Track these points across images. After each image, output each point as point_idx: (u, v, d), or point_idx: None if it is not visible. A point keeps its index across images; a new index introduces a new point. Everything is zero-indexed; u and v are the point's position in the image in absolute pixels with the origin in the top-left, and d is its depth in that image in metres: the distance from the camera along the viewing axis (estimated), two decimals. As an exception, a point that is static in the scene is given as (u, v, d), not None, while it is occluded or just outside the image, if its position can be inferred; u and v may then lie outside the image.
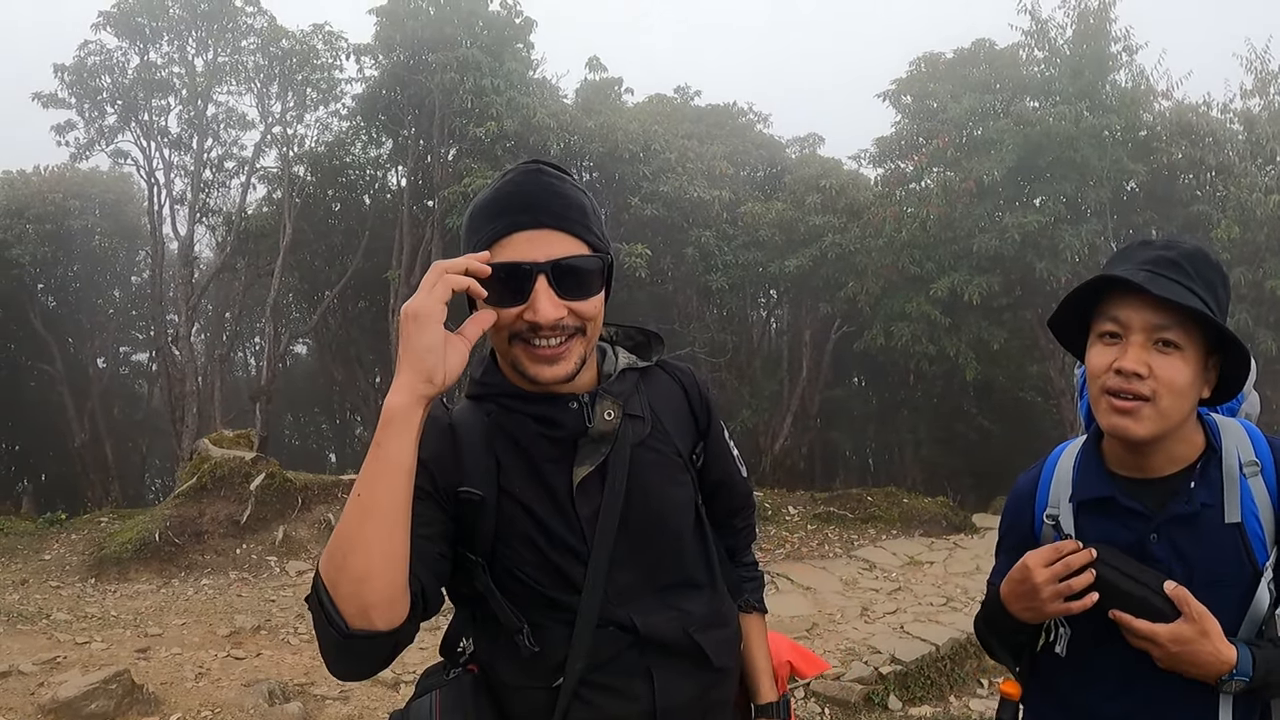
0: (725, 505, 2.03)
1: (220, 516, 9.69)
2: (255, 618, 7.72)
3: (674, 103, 22.02)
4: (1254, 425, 1.96)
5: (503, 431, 1.71)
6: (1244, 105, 15.52)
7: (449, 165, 18.66)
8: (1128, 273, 1.78)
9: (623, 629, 1.70)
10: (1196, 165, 14.72)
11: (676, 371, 1.95)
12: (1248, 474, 1.84)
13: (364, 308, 23.67)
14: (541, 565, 1.68)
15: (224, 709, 5.74)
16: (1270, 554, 1.82)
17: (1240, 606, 1.82)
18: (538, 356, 1.62)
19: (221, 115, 22.37)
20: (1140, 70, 15.03)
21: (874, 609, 8.46)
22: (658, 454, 1.81)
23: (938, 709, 6.49)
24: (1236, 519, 1.82)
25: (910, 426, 21.55)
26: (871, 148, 17.97)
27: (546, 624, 1.69)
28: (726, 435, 2.02)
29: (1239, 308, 12.96)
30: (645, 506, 1.75)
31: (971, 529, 12.17)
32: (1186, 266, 1.78)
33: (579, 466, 1.71)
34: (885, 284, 16.46)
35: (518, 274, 1.58)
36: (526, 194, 1.64)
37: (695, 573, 1.83)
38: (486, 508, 1.67)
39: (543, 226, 1.62)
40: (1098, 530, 1.92)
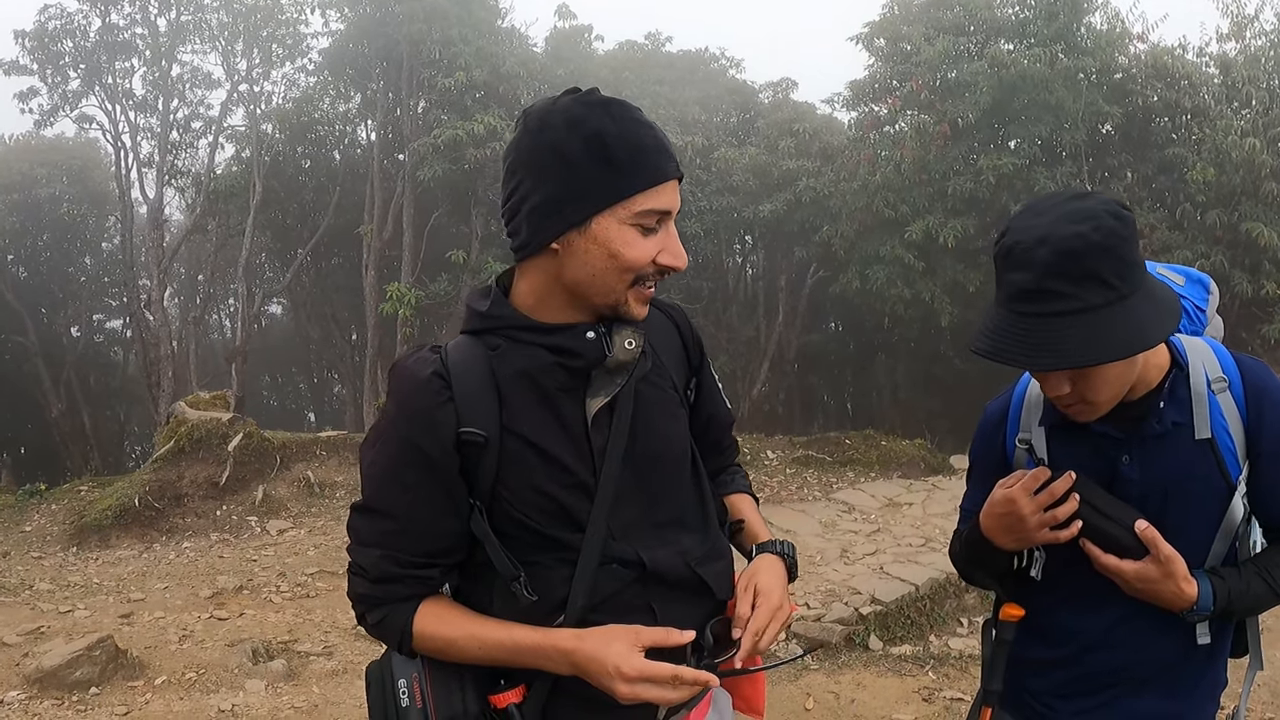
0: (715, 438, 2.07)
1: (199, 479, 9.68)
2: (237, 578, 7.74)
3: (645, 49, 21.84)
4: (1219, 343, 1.97)
5: (510, 366, 1.69)
6: (1220, 49, 15.47)
7: (419, 117, 18.49)
8: (1001, 328, 1.75)
9: (625, 565, 1.71)
10: (1172, 108, 14.69)
11: (668, 308, 1.97)
12: (1216, 390, 1.86)
13: (337, 264, 23.54)
14: (545, 504, 1.68)
15: (208, 669, 5.77)
16: (1243, 467, 1.86)
17: (1214, 521, 1.87)
18: (644, 298, 1.70)
19: (186, 75, 22.09)
20: (1115, 13, 14.97)
21: (853, 550, 8.54)
22: (659, 389, 1.83)
23: (918, 647, 6.58)
24: (1207, 435, 1.85)
25: (887, 370, 21.60)
26: (845, 91, 17.80)
27: (544, 566, 1.69)
28: (712, 369, 2.06)
29: (1214, 249, 13.02)
30: (648, 441, 1.77)
31: (949, 470, 12.26)
32: (1053, 286, 1.66)
33: (592, 399, 1.71)
34: (860, 228, 16.41)
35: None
36: (663, 141, 1.69)
37: (691, 508, 1.85)
38: (489, 448, 1.66)
39: (678, 177, 1.69)
40: (1069, 454, 1.94)
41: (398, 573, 1.69)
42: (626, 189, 1.61)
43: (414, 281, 17.96)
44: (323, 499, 10.06)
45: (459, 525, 1.69)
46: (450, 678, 1.69)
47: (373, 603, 1.72)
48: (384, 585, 1.70)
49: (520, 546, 1.68)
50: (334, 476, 10.46)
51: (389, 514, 1.69)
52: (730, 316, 21.35)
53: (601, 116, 1.64)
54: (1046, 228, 1.67)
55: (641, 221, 1.62)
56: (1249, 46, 14.99)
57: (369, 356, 19.66)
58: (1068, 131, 14.18)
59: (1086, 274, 1.65)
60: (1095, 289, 1.65)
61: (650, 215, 1.62)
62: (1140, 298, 1.68)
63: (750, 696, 2.08)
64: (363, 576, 1.72)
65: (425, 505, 1.67)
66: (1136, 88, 14.44)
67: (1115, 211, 1.68)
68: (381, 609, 1.71)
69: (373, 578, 1.70)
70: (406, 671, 1.70)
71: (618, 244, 1.62)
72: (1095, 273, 1.65)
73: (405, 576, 1.69)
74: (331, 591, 7.61)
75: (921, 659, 6.30)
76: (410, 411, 1.67)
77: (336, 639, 6.53)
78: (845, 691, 5.67)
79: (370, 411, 19.06)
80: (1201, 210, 13.48)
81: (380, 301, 17.81)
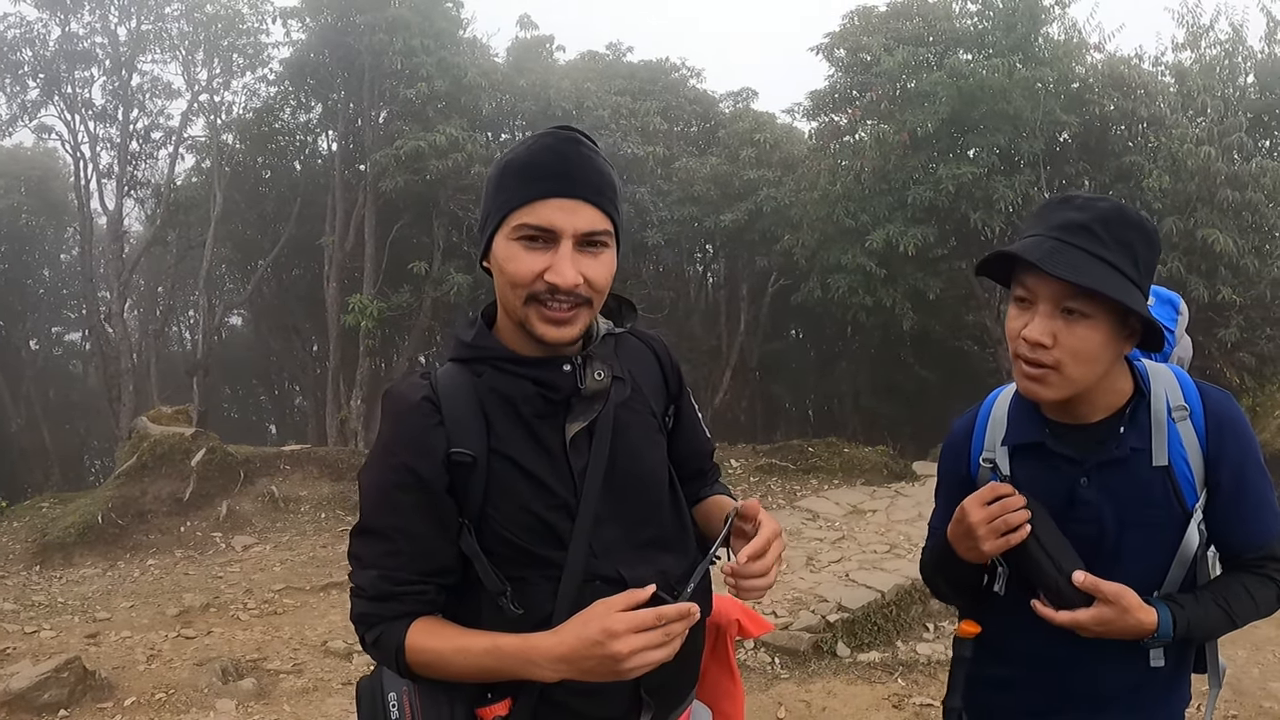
0: (697, 466, 2.13)
1: (163, 495, 9.59)
2: (204, 595, 7.68)
3: (606, 60, 21.83)
4: (1184, 371, 2.02)
5: (495, 392, 1.77)
6: (1175, 58, 15.70)
7: (380, 128, 18.38)
8: (1035, 242, 1.82)
9: (608, 582, 1.75)
10: (1128, 117, 14.88)
11: (648, 339, 2.04)
12: (1176, 418, 1.90)
13: (299, 275, 23.30)
14: (529, 522, 1.74)
15: (178, 689, 5.73)
16: (1200, 496, 1.89)
17: (1170, 547, 1.90)
18: (549, 318, 1.70)
19: (147, 85, 21.84)
20: (1073, 23, 15.08)
21: (819, 558, 8.59)
22: (637, 415, 1.89)
23: (886, 654, 6.64)
24: (1164, 462, 1.89)
25: (849, 377, 21.73)
26: (805, 101, 17.91)
27: (530, 583, 1.74)
28: (692, 399, 2.12)
29: (1171, 256, 13.20)
30: (628, 464, 1.83)
31: (912, 476, 12.36)
32: (1099, 231, 1.79)
33: (571, 423, 1.78)
34: (821, 236, 16.50)
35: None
36: (566, 162, 1.72)
37: (671, 530, 1.90)
38: (477, 468, 1.72)
39: (576, 197, 1.70)
40: (1031, 474, 1.99)
41: (395, 590, 1.74)
42: (506, 205, 1.72)
43: (376, 293, 17.85)
44: (288, 514, 10.00)
45: (450, 544, 1.75)
46: (439, 691, 1.72)
47: (371, 621, 1.77)
48: (382, 603, 1.75)
49: (507, 563, 1.74)
50: (298, 491, 10.40)
51: (385, 535, 1.75)
52: (692, 325, 21.41)
53: (523, 145, 1.76)
54: (1109, 199, 1.85)
55: (521, 235, 1.69)
56: (1204, 56, 15.22)
57: (331, 368, 19.52)
58: (1026, 141, 14.32)
59: (1126, 242, 1.80)
60: (1125, 258, 1.79)
61: (526, 229, 1.68)
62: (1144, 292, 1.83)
63: (730, 713, 2.13)
64: (362, 597, 1.77)
65: (420, 525, 1.73)
66: (1093, 97, 14.62)
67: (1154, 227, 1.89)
68: (378, 627, 1.76)
69: (370, 596, 1.75)
70: (397, 685, 1.73)
71: (502, 259, 1.72)
72: (1132, 246, 1.80)
73: (401, 594, 1.74)
74: (299, 608, 7.57)
75: (890, 665, 6.36)
76: (403, 434, 1.75)
77: (306, 656, 6.50)
78: (816, 700, 5.72)
79: (332, 424, 18.93)
80: (1158, 217, 13.66)
81: (342, 313, 17.71)
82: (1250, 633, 6.57)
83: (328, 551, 9.04)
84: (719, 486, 2.20)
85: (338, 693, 5.83)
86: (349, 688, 5.75)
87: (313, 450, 11.61)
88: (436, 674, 1.72)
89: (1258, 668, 6.36)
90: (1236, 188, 13.17)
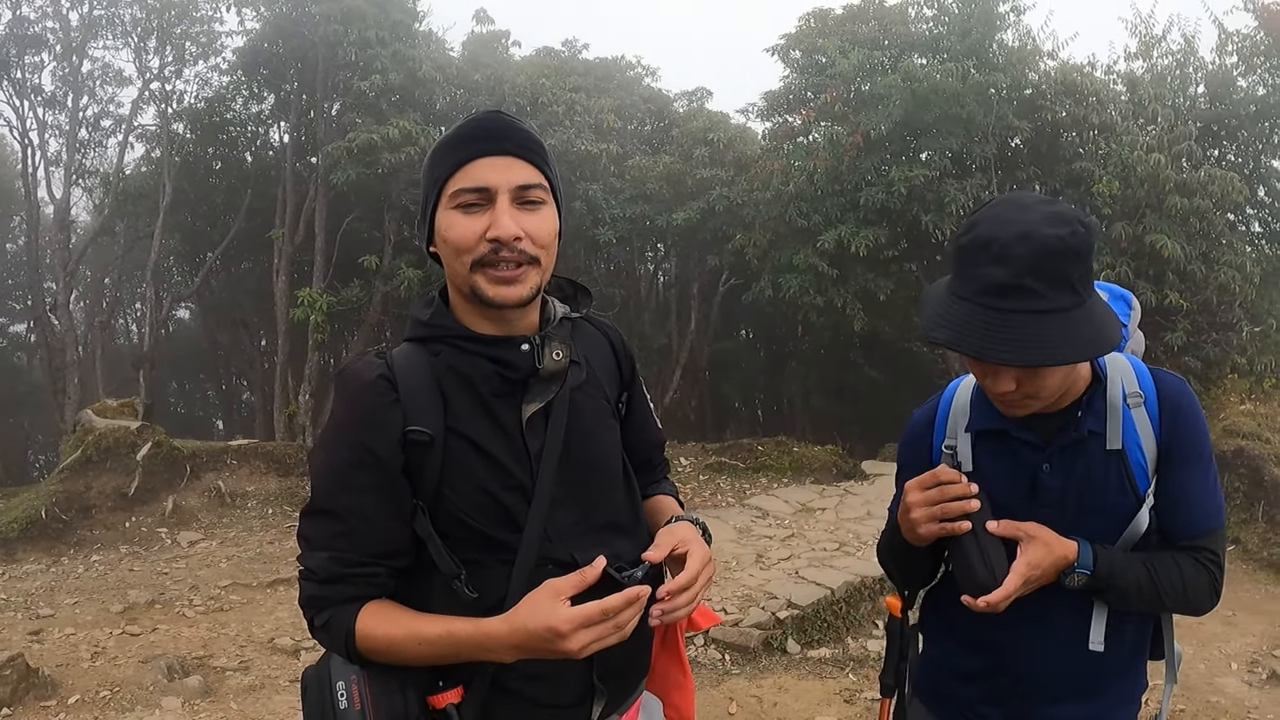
0: (646, 456, 2.14)
1: (108, 489, 9.44)
2: (149, 592, 7.57)
3: (562, 56, 21.76)
4: (1139, 359, 2.07)
5: (452, 371, 1.76)
6: (1128, 67, 15.92)
7: (333, 120, 18.20)
8: (965, 317, 1.77)
9: (561, 566, 1.73)
10: (1080, 123, 15.07)
11: (603, 325, 2.06)
12: (1131, 404, 1.95)
13: (248, 269, 22.98)
14: (485, 504, 1.73)
15: (123, 687, 5.65)
16: (1152, 481, 1.94)
17: (1122, 530, 1.95)
18: (496, 278, 1.70)
19: (97, 72, 21.42)
20: (1027, 30, 15.25)
21: (769, 556, 8.64)
22: (592, 399, 1.90)
23: (836, 650, 6.70)
24: (1118, 446, 1.94)
25: (799, 377, 21.82)
26: (760, 102, 18.00)
27: (483, 566, 1.73)
28: (644, 388, 2.15)
29: (1120, 260, 13.41)
30: (583, 447, 1.84)
31: (861, 476, 12.46)
32: (1030, 284, 1.70)
33: (528, 404, 1.78)
34: (773, 236, 16.60)
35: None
36: (489, 126, 1.75)
37: (624, 515, 1.91)
38: (434, 448, 1.71)
39: (506, 154, 1.73)
40: (994, 460, 2.04)
41: (345, 573, 1.72)
42: (440, 177, 1.74)
43: (326, 287, 17.68)
44: (234, 509, 9.89)
45: (404, 525, 1.73)
46: (390, 679, 1.70)
47: (321, 605, 1.74)
48: (331, 586, 1.73)
49: (461, 546, 1.73)
50: (245, 486, 10.29)
51: (338, 515, 1.73)
52: (643, 324, 21.41)
53: (459, 122, 1.79)
54: (1027, 226, 1.70)
55: (458, 202, 1.71)
56: (1156, 65, 15.44)
57: (279, 363, 19.30)
58: (978, 145, 14.49)
59: (1060, 277, 1.70)
60: (1065, 292, 1.71)
61: (462, 194, 1.71)
62: (1094, 303, 1.76)
63: (680, 704, 2.14)
64: (311, 579, 1.75)
65: (373, 506, 1.71)
66: (1046, 103, 14.80)
67: (1086, 221, 1.76)
68: (328, 611, 1.74)
69: (320, 579, 1.73)
70: (345, 674, 1.71)
71: (444, 229, 1.74)
72: (1067, 277, 1.71)
73: (352, 576, 1.72)
74: (245, 604, 7.50)
75: (841, 661, 6.43)
76: (358, 413, 1.73)
77: (252, 653, 6.44)
78: (767, 695, 5.77)
79: (280, 419, 18.74)
80: (1107, 223, 13.89)
81: (291, 307, 17.50)
82: (1196, 629, 6.73)
83: (275, 548, 8.95)
84: (666, 485, 2.21)
85: (285, 690, 5.79)
86: (297, 685, 5.69)
87: (260, 445, 11.47)
88: (388, 659, 1.70)
89: (1204, 664, 6.53)
90: (1185, 195, 13.39)
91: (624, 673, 1.89)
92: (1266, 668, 6.54)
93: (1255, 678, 6.42)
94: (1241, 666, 6.62)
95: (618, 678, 1.87)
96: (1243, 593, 8.32)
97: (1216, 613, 7.37)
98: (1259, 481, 9.76)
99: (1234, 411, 11.60)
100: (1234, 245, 14.28)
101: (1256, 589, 8.48)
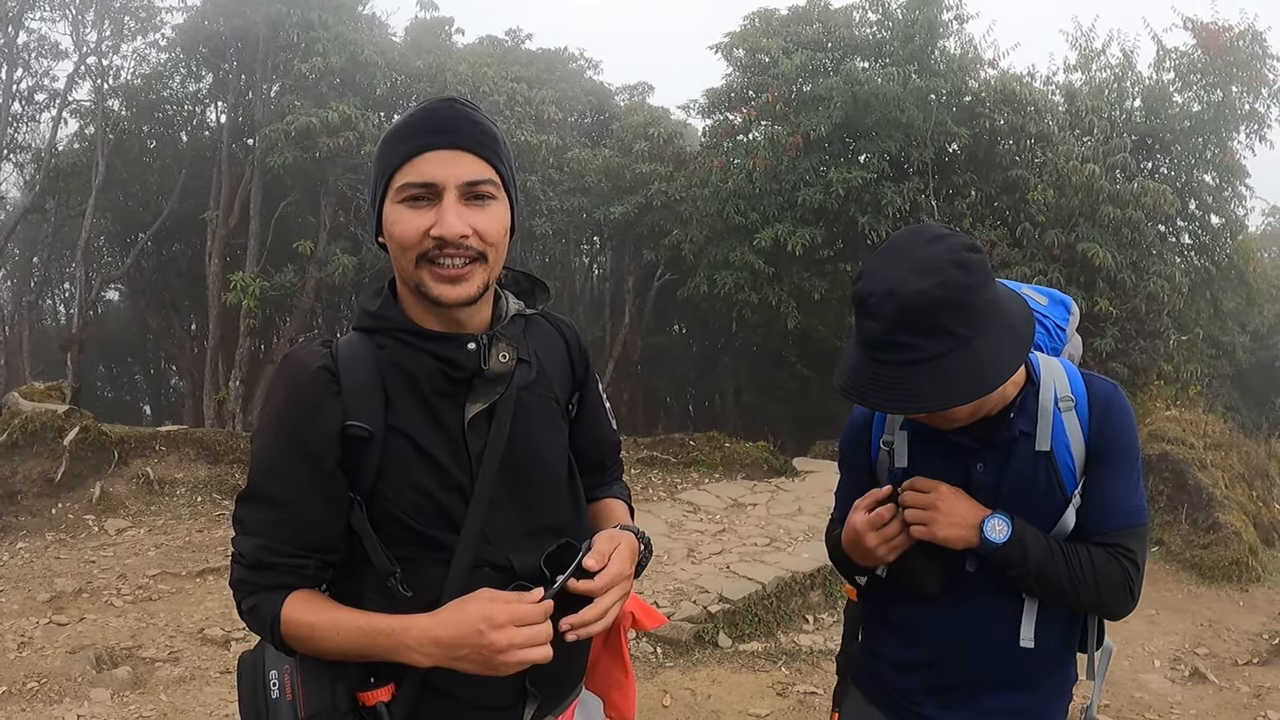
0: (599, 458, 2.12)
1: (33, 475, 9.21)
2: (76, 580, 7.42)
3: (505, 45, 21.71)
4: (1073, 364, 2.13)
5: (396, 366, 1.74)
6: (1067, 79, 16.27)
7: (271, 102, 17.99)
8: (858, 366, 1.86)
9: (497, 569, 1.74)
10: (1017, 132, 15.38)
11: (559, 323, 2.04)
12: (1062, 408, 2.00)
13: (180, 251, 22.58)
14: (422, 503, 1.71)
15: (50, 679, 5.54)
16: (1079, 483, 2.00)
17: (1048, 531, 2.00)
18: (442, 276, 1.67)
19: (33, 44, 20.71)
20: (969, 39, 15.57)
21: (700, 550, 8.67)
22: (541, 399, 1.88)
23: (767, 644, 6.77)
24: (1046, 448, 1.99)
25: (731, 373, 21.95)
26: (701, 99, 18.11)
27: (419, 564, 1.72)
28: (601, 389, 2.12)
29: (1052, 267, 13.73)
30: (527, 449, 1.82)
31: (792, 472, 12.54)
32: (903, 339, 1.77)
33: (471, 404, 1.76)
34: (709, 233, 16.73)
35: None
36: (440, 118, 1.70)
37: (564, 518, 1.88)
38: (373, 444, 1.69)
39: (455, 148, 1.68)
40: (928, 459, 2.09)
41: (274, 561, 1.71)
42: (387, 169, 1.71)
43: (259, 271, 17.47)
44: (163, 497, 9.70)
45: (338, 519, 1.72)
46: (322, 672, 1.70)
47: (248, 589, 1.74)
48: (259, 572, 1.72)
49: (397, 544, 1.72)
50: (174, 473, 10.09)
51: (271, 503, 1.72)
52: (577, 316, 21.43)
53: (410, 109, 1.76)
54: (895, 281, 1.76)
55: (404, 196, 1.68)
56: (1094, 78, 15.79)
57: (210, 348, 19.00)
58: (916, 149, 14.71)
59: (931, 327, 1.75)
60: (940, 339, 1.76)
61: (409, 188, 1.67)
62: (988, 338, 1.79)
63: (621, 704, 2.15)
64: (240, 563, 1.75)
65: (307, 498, 1.70)
66: (985, 111, 15.07)
67: (961, 260, 1.77)
68: (254, 596, 1.74)
69: (249, 564, 1.73)
70: (279, 663, 1.72)
71: (390, 223, 1.70)
72: (940, 326, 1.75)
73: (281, 565, 1.71)
74: (175, 594, 7.38)
75: (773, 655, 6.50)
76: (298, 403, 1.71)
77: (182, 644, 6.35)
78: (701, 688, 5.83)
79: (210, 405, 18.47)
80: (1041, 230, 14.19)
81: (223, 291, 17.28)
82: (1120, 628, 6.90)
83: (204, 536, 8.81)
84: (618, 488, 2.19)
85: (216, 681, 5.72)
86: (227, 676, 5.65)
87: (190, 432, 11.27)
88: (309, 649, 1.70)
89: (1128, 660, 6.74)
90: (1118, 205, 13.71)
91: (558, 677, 1.88)
92: (1188, 665, 6.76)
93: (1178, 675, 6.64)
94: (1164, 664, 6.85)
95: (552, 682, 1.86)
96: (1165, 592, 8.56)
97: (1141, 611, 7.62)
98: (1182, 485, 10.04)
99: (1159, 417, 11.91)
100: (1164, 256, 14.69)
101: (1179, 589, 8.74)
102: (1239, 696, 6.28)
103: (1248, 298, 16.93)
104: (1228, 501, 9.97)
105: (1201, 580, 8.95)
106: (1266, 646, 7.27)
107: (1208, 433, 11.67)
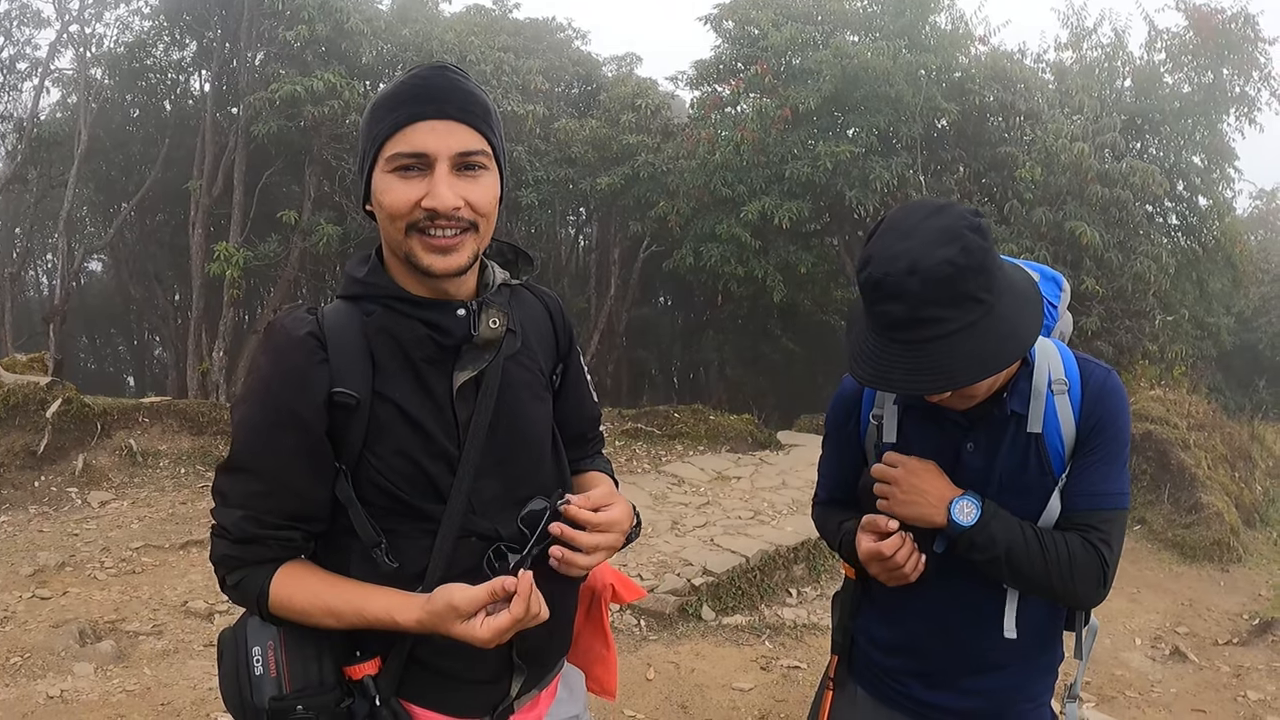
0: (581, 430, 2.11)
1: (15, 448, 9.16)
2: (59, 554, 7.39)
3: (492, 14, 21.49)
4: (1065, 346, 2.12)
5: (384, 333, 1.72)
6: (1057, 57, 16.32)
7: (256, 70, 17.72)
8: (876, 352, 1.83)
9: (484, 539, 1.74)
10: (1007, 109, 15.38)
11: (543, 295, 2.02)
12: (1055, 391, 2.00)
13: (163, 221, 22.34)
14: (409, 472, 1.70)
15: (33, 653, 5.53)
16: (1067, 466, 2.00)
17: (1036, 514, 2.00)
18: (432, 246, 1.66)
19: (15, 12, 20.41)
20: (960, 15, 15.51)
21: (684, 523, 8.69)
22: (525, 370, 1.87)
23: (750, 618, 6.79)
24: (1038, 430, 1.99)
25: (716, 346, 21.97)
26: (690, 70, 18.04)
27: (404, 535, 1.71)
28: (582, 361, 2.11)
29: (1039, 245, 13.75)
30: (513, 418, 1.81)
31: (776, 445, 12.56)
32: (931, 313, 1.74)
33: (460, 371, 1.74)
34: (696, 205, 16.68)
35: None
36: (431, 87, 1.68)
37: (551, 490, 1.86)
38: (360, 411, 1.68)
39: (447, 118, 1.66)
40: (920, 433, 2.09)
41: (260, 534, 1.69)
42: (377, 138, 1.68)
43: (243, 241, 17.31)
44: (146, 469, 9.67)
45: (324, 489, 1.70)
46: (307, 647, 1.69)
47: (233, 564, 1.72)
48: (245, 546, 1.70)
49: (383, 514, 1.71)
50: (157, 445, 10.05)
51: (256, 473, 1.69)
52: (562, 287, 21.35)
53: (392, 81, 1.73)
54: (914, 255, 1.72)
55: (395, 165, 1.65)
56: (1085, 57, 15.80)
57: (193, 319, 18.84)
58: (905, 124, 14.68)
59: (958, 296, 1.72)
60: (969, 307, 1.73)
61: (399, 158, 1.65)
62: (1007, 302, 1.79)
63: (602, 677, 2.18)
64: (225, 538, 1.72)
65: (292, 466, 1.67)
66: (974, 87, 15.04)
67: (974, 225, 1.75)
68: (241, 570, 1.72)
69: (234, 538, 1.70)
70: (261, 639, 1.69)
71: (380, 192, 1.68)
72: (967, 293, 1.72)
73: (267, 538, 1.70)
74: (158, 567, 7.37)
75: (756, 629, 6.52)
76: (284, 370, 1.68)
77: (165, 617, 6.34)
78: (685, 661, 5.84)
79: (193, 377, 18.36)
80: (1029, 207, 14.21)
81: (207, 261, 17.10)
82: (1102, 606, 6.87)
83: (188, 508, 8.78)
84: (600, 460, 2.20)
85: (199, 655, 5.71)
86: (211, 649, 5.63)
87: (173, 403, 11.21)
88: (300, 619, 1.69)
89: (1109, 638, 6.79)
90: (1106, 184, 13.75)
91: (544, 650, 1.89)
92: (1169, 643, 6.83)
93: (1158, 653, 6.71)
94: (1145, 642, 6.91)
95: (537, 654, 1.87)
96: (1147, 571, 8.63)
97: (1122, 590, 7.72)
98: (1165, 465, 10.11)
99: (1144, 397, 11.97)
100: (1151, 236, 14.74)
101: (1161, 568, 8.81)
102: (1219, 676, 6.34)
103: (1234, 280, 17.01)
104: (1210, 482, 10.05)
105: (1183, 559, 9.03)
106: (1246, 627, 7.35)
107: (1191, 413, 11.74)
